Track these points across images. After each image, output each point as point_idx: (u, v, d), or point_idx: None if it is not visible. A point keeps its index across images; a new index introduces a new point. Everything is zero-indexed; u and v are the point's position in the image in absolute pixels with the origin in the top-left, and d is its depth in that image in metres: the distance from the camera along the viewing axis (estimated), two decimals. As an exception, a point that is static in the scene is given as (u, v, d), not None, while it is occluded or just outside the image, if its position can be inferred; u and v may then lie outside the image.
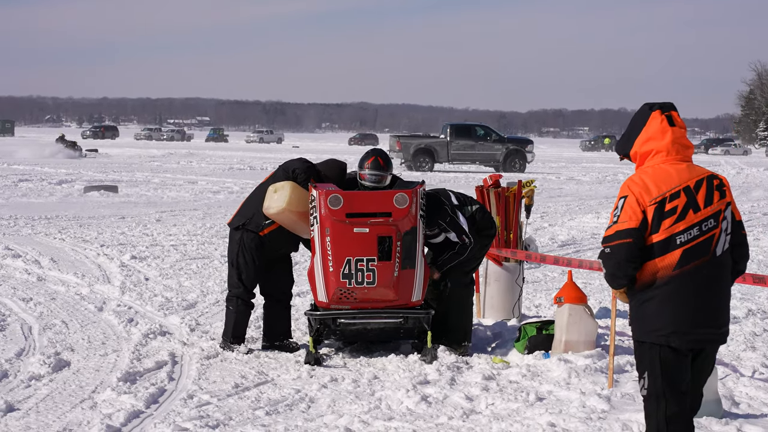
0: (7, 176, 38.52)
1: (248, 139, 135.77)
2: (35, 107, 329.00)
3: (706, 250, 5.99)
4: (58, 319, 11.83)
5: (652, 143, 6.14)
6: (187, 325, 11.55)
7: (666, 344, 5.99)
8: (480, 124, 58.98)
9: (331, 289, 9.90)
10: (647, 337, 6.06)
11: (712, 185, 6.07)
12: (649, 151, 6.16)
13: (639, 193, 6.02)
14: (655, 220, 5.98)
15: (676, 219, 5.96)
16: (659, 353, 6.02)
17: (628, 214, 6.00)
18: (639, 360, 6.18)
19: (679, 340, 5.98)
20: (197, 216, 24.63)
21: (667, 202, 5.97)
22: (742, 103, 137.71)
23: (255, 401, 8.59)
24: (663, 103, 6.23)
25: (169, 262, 16.49)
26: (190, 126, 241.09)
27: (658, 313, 6.00)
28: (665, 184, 6.01)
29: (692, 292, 5.97)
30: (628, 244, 5.97)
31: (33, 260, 16.46)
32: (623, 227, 6.00)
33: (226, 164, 54.61)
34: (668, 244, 5.96)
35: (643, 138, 6.18)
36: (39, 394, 8.70)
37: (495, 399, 8.62)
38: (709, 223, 6.00)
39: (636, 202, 6.01)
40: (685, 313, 5.96)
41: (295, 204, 10.13)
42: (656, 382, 6.04)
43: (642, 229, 5.98)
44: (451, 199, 10.49)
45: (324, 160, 10.81)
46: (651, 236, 5.99)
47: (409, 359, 9.96)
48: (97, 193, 30.78)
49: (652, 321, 6.02)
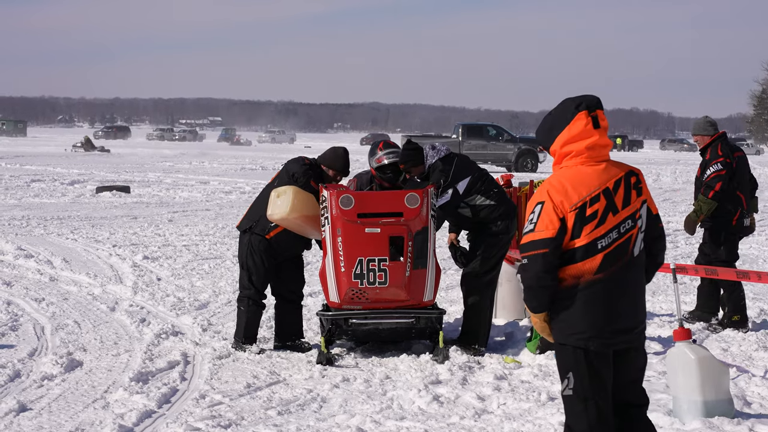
0: (20, 176, 38.61)
1: (260, 139, 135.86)
2: (47, 107, 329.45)
3: (624, 252, 5.87)
4: (71, 319, 11.86)
5: (573, 145, 5.91)
6: (199, 325, 11.56)
7: (586, 347, 5.86)
8: (492, 123, 58.96)
9: (342, 289, 9.91)
10: (568, 340, 5.91)
11: (629, 184, 5.93)
12: (569, 152, 5.93)
13: (559, 200, 5.84)
14: (577, 225, 5.81)
15: (597, 224, 5.81)
16: (584, 356, 5.89)
17: (544, 223, 5.83)
18: (561, 361, 6.04)
19: (598, 343, 5.85)
20: (209, 216, 24.65)
21: (587, 207, 5.81)
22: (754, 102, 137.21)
23: (267, 401, 8.60)
24: (590, 101, 5.93)
25: (181, 263, 16.51)
26: (202, 126, 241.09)
27: (578, 316, 5.85)
28: (585, 187, 5.84)
29: (611, 295, 5.84)
30: (544, 255, 5.81)
31: (45, 260, 16.50)
32: (539, 236, 5.84)
33: (238, 164, 54.65)
34: (590, 250, 5.81)
35: (564, 137, 5.93)
36: (51, 394, 8.72)
37: (507, 399, 8.62)
38: (626, 225, 5.88)
39: (553, 209, 5.83)
40: (604, 317, 5.83)
41: (298, 209, 10.11)
42: (583, 382, 5.91)
43: (559, 238, 5.81)
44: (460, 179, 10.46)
45: (323, 153, 10.79)
46: (573, 241, 5.83)
47: (420, 359, 9.96)
48: (110, 194, 30.82)
49: (573, 324, 5.87)
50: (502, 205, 10.62)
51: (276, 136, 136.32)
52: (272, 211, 10.19)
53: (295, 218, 10.13)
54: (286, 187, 10.26)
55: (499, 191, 10.62)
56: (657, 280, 15.25)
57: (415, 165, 10.59)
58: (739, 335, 11.21)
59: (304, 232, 10.37)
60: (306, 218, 10.16)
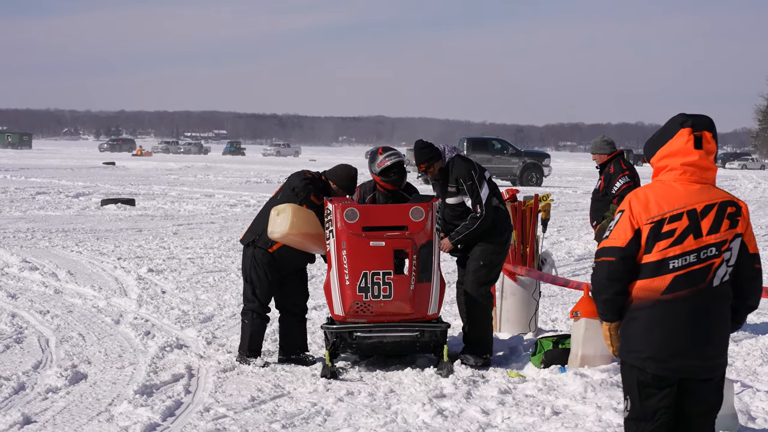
0: (25, 189, 38.64)
1: (265, 152, 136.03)
2: (53, 120, 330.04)
3: (701, 279, 5.66)
4: (75, 332, 11.87)
5: (669, 160, 5.78)
6: (203, 338, 11.56)
7: (642, 368, 5.72)
8: (497, 137, 59.03)
9: (347, 302, 9.91)
10: (627, 357, 5.80)
11: (723, 212, 5.71)
12: (664, 166, 5.80)
13: (637, 210, 5.72)
14: (650, 240, 5.68)
15: (672, 242, 5.65)
16: (637, 376, 5.75)
17: (618, 232, 5.74)
18: (622, 380, 5.93)
19: (654, 366, 5.69)
20: (214, 229, 24.67)
21: (665, 224, 5.66)
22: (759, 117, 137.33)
23: (271, 414, 8.60)
24: (697, 120, 5.78)
25: (185, 275, 16.52)
26: (207, 139, 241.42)
27: (639, 334, 5.72)
28: (668, 204, 5.69)
29: (678, 319, 5.65)
30: (610, 263, 5.72)
31: (50, 273, 16.51)
32: (609, 244, 5.75)
33: (243, 177, 54.69)
34: (660, 267, 5.66)
35: (664, 152, 5.81)
36: (56, 407, 8.72)
37: (511, 413, 8.62)
38: (709, 251, 5.66)
39: (629, 219, 5.72)
40: (666, 339, 5.66)
41: (297, 227, 10.09)
42: (635, 405, 5.79)
43: (629, 250, 5.70)
44: (484, 173, 10.60)
45: (333, 167, 10.81)
46: (644, 256, 5.70)
47: (425, 373, 9.96)
48: (114, 206, 30.83)
49: (634, 342, 5.75)
50: (505, 209, 10.75)
51: (281, 149, 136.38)
52: (272, 228, 10.18)
53: (295, 236, 10.12)
54: (286, 204, 10.25)
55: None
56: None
57: (436, 160, 10.67)
58: (743, 350, 11.20)
59: (306, 248, 10.37)
60: (306, 236, 10.14)
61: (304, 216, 10.15)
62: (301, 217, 10.11)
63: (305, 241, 10.22)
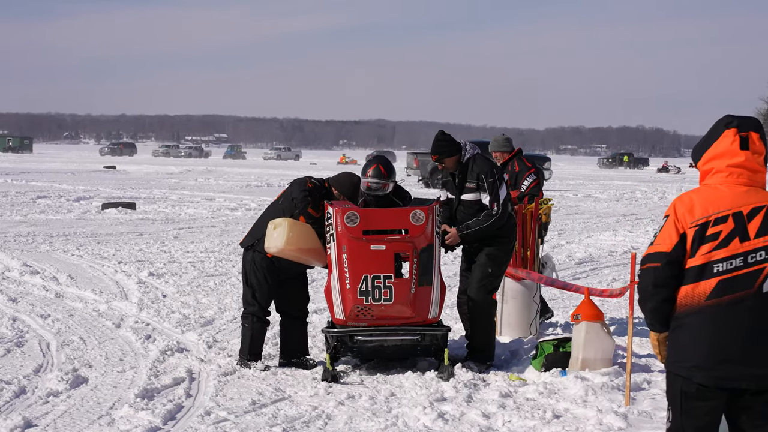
0: (26, 193, 38.64)
1: (266, 156, 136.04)
2: (54, 124, 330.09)
3: (749, 284, 5.41)
4: (76, 336, 11.87)
5: (714, 162, 5.59)
6: (204, 341, 11.57)
7: (688, 377, 5.48)
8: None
9: (348, 306, 9.91)
10: (672, 367, 5.58)
11: None
12: (710, 169, 5.61)
13: (682, 213, 5.51)
14: (695, 244, 5.46)
15: (716, 245, 5.43)
16: (681, 386, 5.53)
17: (663, 237, 5.53)
18: (666, 389, 5.72)
19: (701, 375, 5.44)
20: (215, 233, 24.67)
21: (710, 226, 5.45)
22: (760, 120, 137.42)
23: (272, 418, 8.60)
24: (743, 121, 5.59)
25: (186, 279, 16.53)
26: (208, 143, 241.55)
27: (685, 343, 5.50)
28: (713, 206, 5.48)
29: (724, 326, 5.41)
30: (656, 269, 5.52)
31: (51, 277, 16.51)
32: (655, 250, 5.55)
33: (243, 181, 54.70)
34: (703, 271, 5.44)
35: (709, 155, 5.61)
36: (57, 411, 8.73)
37: (512, 416, 8.61)
38: (758, 256, 5.42)
39: (674, 223, 5.52)
40: (713, 347, 5.42)
41: (294, 242, 10.07)
42: (676, 417, 5.58)
43: (675, 254, 5.49)
44: (503, 176, 10.63)
45: (337, 174, 10.78)
46: (688, 260, 5.49)
47: (426, 376, 9.95)
48: (115, 210, 30.83)
49: (679, 351, 5.53)
50: (514, 219, 10.78)
51: (281, 153, 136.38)
52: (269, 243, 10.17)
53: (292, 251, 10.12)
54: (282, 219, 10.23)
55: None
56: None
57: (449, 155, 10.66)
58: None
59: (304, 262, 10.37)
60: (302, 251, 10.14)
61: (300, 230, 10.13)
62: (297, 232, 10.09)
63: (302, 256, 10.22)
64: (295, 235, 10.07)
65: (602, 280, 17.31)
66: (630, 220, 31.52)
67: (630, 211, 35.49)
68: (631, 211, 35.99)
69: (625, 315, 13.27)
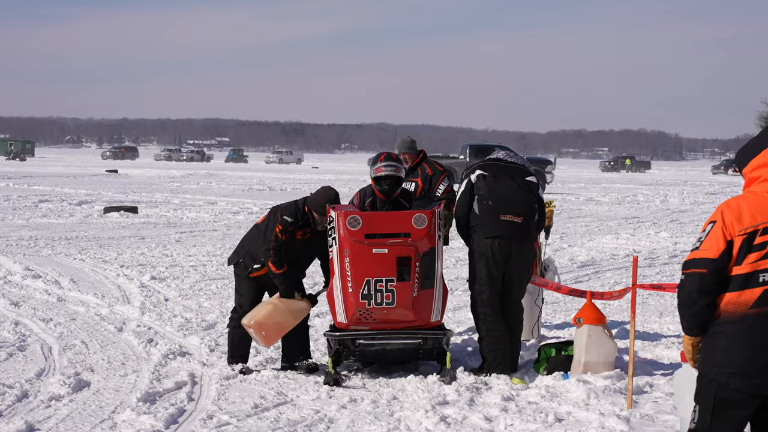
0: (28, 197, 38.64)
1: (268, 159, 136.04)
2: (55, 128, 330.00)
3: None
4: (78, 340, 11.87)
5: (763, 170, 5.59)
6: (206, 345, 11.57)
7: (725, 383, 5.49)
8: (499, 144, 58.96)
9: (350, 309, 9.91)
10: (708, 371, 5.57)
11: None
12: (757, 177, 5.60)
13: (730, 220, 5.51)
14: (742, 252, 5.47)
15: (763, 255, 5.44)
16: (716, 391, 5.53)
17: (710, 242, 5.52)
18: (697, 391, 5.69)
19: (740, 382, 5.45)
20: (217, 237, 24.67)
21: (758, 235, 5.46)
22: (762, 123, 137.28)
23: (274, 422, 8.60)
24: None
25: (188, 283, 16.53)
26: (210, 147, 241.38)
27: (724, 349, 5.49)
28: (762, 215, 5.49)
29: (765, 334, 5.44)
30: (701, 275, 5.51)
31: (53, 281, 16.52)
32: (701, 255, 5.53)
33: (245, 185, 54.71)
34: (749, 280, 5.45)
35: (758, 162, 5.60)
36: (59, 415, 8.73)
37: (514, 420, 8.61)
38: None
39: (722, 229, 5.51)
40: (754, 355, 5.43)
41: (263, 318, 10.30)
42: (704, 419, 5.58)
43: (722, 261, 5.49)
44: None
45: (315, 192, 10.63)
46: (734, 268, 5.49)
47: (428, 380, 9.96)
48: (117, 214, 30.83)
49: (717, 356, 5.52)
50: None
51: (283, 156, 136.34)
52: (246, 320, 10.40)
53: (262, 325, 10.31)
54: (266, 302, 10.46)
55: None
56: (665, 301, 15.25)
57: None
58: None
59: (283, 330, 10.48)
60: (276, 324, 10.34)
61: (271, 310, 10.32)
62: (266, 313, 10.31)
63: (278, 329, 10.35)
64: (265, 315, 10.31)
65: (604, 283, 17.31)
66: (632, 223, 31.50)
67: (632, 215, 35.48)
68: (633, 214, 35.97)
69: (627, 318, 13.26)
